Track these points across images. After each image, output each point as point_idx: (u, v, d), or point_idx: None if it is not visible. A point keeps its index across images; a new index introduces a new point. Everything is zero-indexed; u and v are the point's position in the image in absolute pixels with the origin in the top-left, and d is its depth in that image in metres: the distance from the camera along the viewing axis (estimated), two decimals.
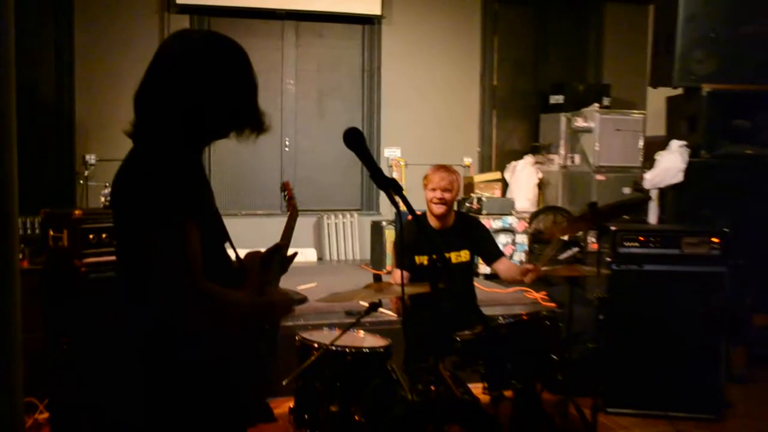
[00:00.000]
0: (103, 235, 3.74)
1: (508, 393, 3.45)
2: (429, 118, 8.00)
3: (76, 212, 3.75)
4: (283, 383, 2.79)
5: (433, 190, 4.03)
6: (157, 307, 1.73)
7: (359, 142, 1.92)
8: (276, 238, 2.35)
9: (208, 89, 1.85)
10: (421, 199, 4.15)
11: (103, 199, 5.68)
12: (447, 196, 4.03)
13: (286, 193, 2.90)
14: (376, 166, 1.93)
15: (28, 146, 6.53)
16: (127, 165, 1.83)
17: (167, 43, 1.94)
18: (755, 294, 5.11)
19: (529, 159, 7.79)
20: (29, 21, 6.58)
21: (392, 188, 1.92)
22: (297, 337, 3.55)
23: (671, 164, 5.62)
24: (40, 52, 6.78)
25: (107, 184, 5.42)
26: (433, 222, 4.14)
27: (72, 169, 6.91)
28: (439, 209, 4.05)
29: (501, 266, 4.19)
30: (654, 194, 5.95)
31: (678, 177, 5.60)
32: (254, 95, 1.96)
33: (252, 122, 1.94)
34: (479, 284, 5.95)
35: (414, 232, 3.99)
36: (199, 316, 1.71)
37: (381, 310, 3.39)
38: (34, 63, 6.69)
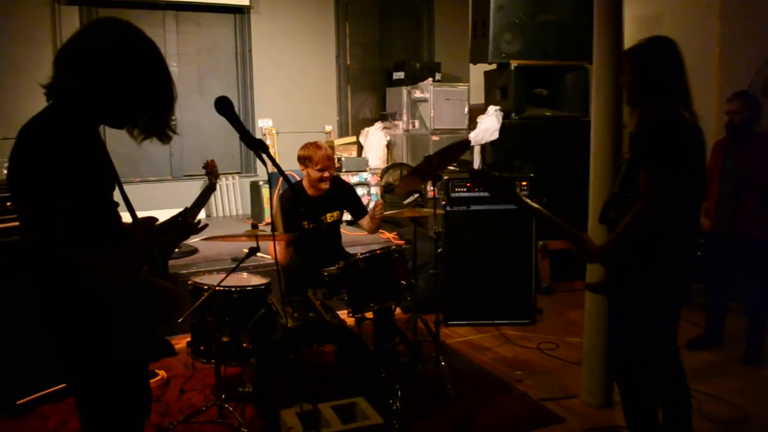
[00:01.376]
0: (8, 204, 3.44)
1: (368, 315, 3.50)
2: (295, 93, 7.82)
3: None
4: (179, 321, 2.68)
5: (322, 169, 3.84)
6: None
7: (228, 108, 1.83)
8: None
9: (125, 75, 1.70)
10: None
11: (5, 172, 5.22)
12: (332, 171, 3.92)
13: (207, 170, 2.76)
14: (244, 128, 1.86)
15: None
16: (23, 131, 1.65)
17: (111, 21, 1.75)
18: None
19: (378, 125, 7.81)
20: None
21: (259, 147, 1.85)
22: (189, 282, 3.45)
23: (489, 125, 5.79)
24: None
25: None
26: (310, 190, 3.99)
27: None
28: (326, 185, 3.92)
29: (364, 222, 4.18)
30: (477, 149, 6.12)
31: (495, 135, 5.78)
32: (165, 103, 1.82)
33: (155, 127, 1.84)
34: (343, 229, 5.95)
35: (294, 200, 3.86)
36: (71, 280, 1.62)
37: (259, 254, 3.32)
38: None
